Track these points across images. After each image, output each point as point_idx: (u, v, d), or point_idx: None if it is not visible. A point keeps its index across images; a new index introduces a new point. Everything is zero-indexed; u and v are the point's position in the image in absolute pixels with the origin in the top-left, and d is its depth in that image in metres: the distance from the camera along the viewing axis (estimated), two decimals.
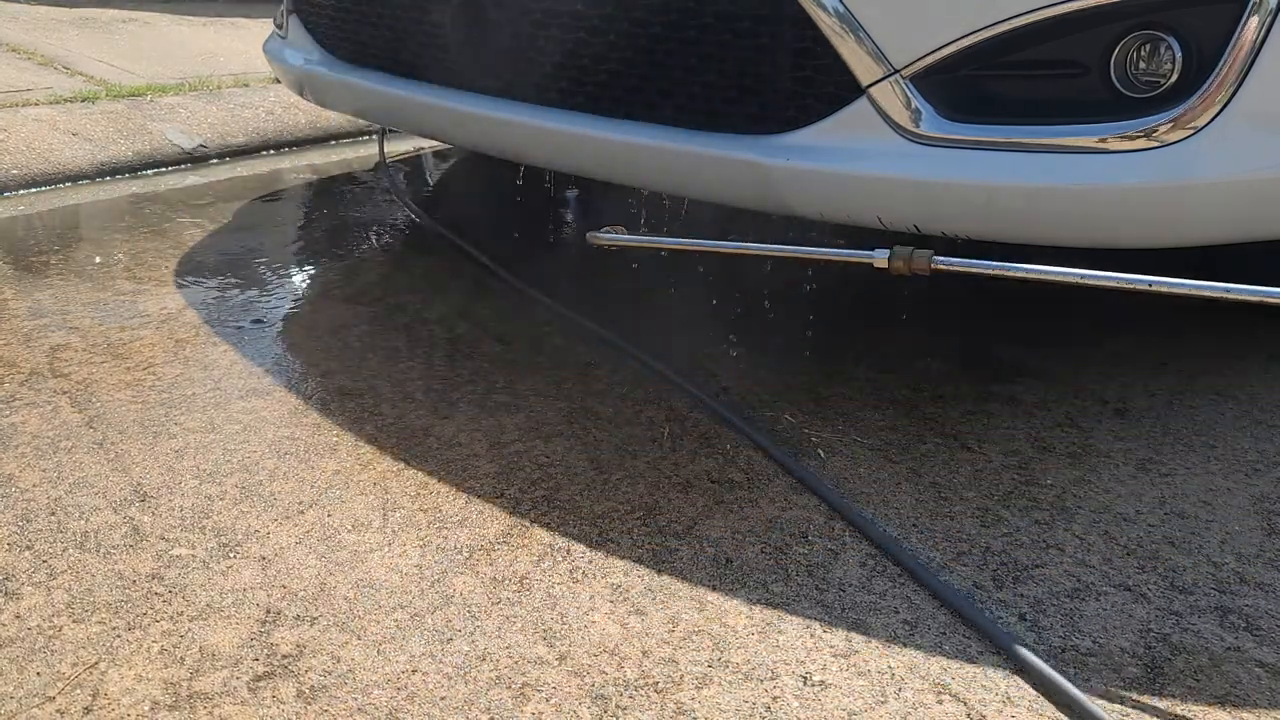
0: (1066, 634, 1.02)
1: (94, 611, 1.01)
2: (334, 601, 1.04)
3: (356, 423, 1.38)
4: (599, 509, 1.21)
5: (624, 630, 1.01)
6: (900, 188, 1.28)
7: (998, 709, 0.93)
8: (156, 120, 2.82)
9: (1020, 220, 1.25)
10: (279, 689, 0.92)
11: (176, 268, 1.92)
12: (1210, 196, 1.22)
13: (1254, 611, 1.07)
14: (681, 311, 1.78)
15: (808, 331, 1.71)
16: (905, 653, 0.99)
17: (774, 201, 1.37)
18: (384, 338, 1.65)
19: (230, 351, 1.58)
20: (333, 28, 1.89)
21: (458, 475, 1.26)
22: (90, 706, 0.89)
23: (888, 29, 1.23)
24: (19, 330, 1.63)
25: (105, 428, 1.34)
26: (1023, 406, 1.48)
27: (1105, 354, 1.67)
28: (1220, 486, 1.30)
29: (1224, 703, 0.94)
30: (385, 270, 1.95)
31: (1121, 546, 1.17)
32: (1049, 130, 1.21)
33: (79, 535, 1.13)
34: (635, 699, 0.92)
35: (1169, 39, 1.17)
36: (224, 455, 1.29)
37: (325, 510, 1.19)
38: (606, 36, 1.43)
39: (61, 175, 2.47)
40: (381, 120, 1.96)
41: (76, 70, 3.25)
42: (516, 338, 1.66)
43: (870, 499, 1.24)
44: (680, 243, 1.37)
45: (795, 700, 0.93)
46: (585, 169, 1.57)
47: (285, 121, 3.04)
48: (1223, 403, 1.52)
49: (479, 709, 0.91)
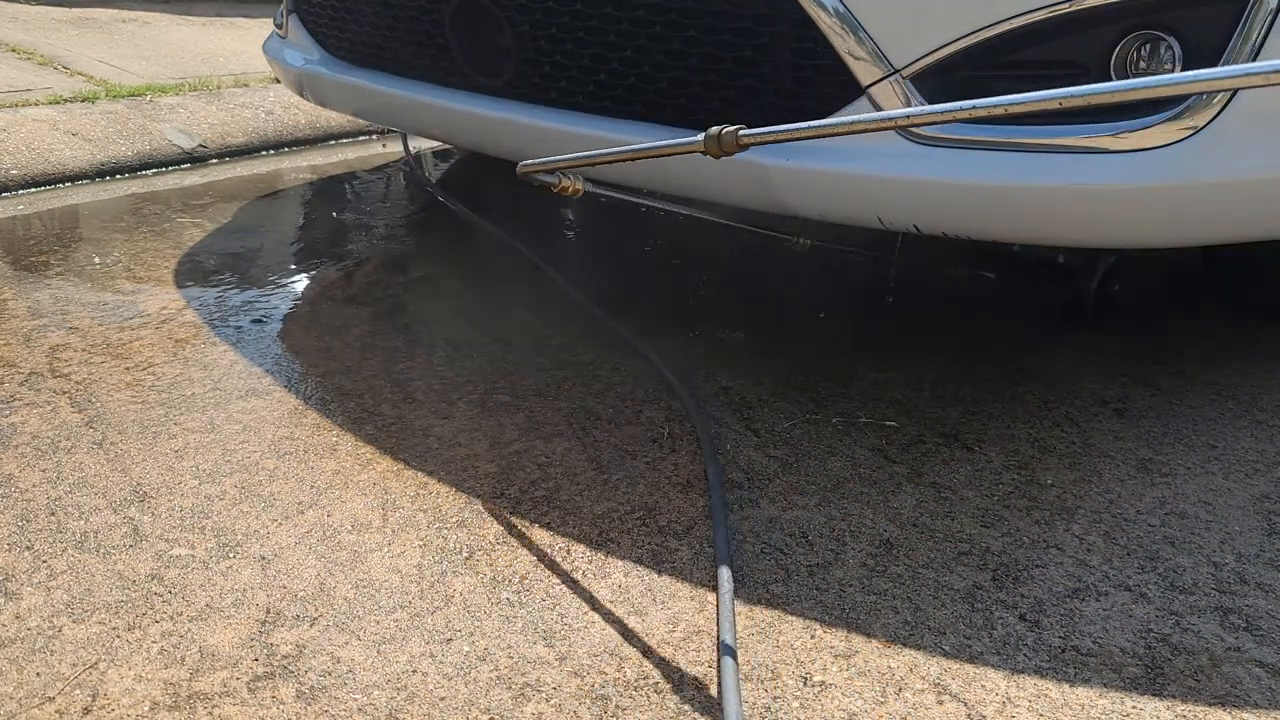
0: (1066, 634, 1.02)
1: (94, 611, 1.01)
2: (334, 601, 1.04)
3: (356, 423, 1.38)
4: (599, 509, 1.21)
5: (624, 630, 1.01)
6: (900, 188, 1.27)
7: (998, 709, 0.93)
8: (156, 120, 2.82)
9: (1020, 220, 1.25)
10: (279, 689, 0.92)
11: (176, 268, 1.92)
12: (1210, 196, 1.22)
13: (1254, 611, 1.07)
14: (682, 312, 1.78)
15: (807, 332, 1.71)
16: (905, 653, 0.99)
17: (774, 201, 1.37)
18: (384, 338, 1.65)
19: (230, 351, 1.58)
20: (333, 28, 1.89)
21: (458, 475, 1.26)
22: (90, 707, 0.89)
23: (888, 29, 1.23)
24: (19, 330, 1.62)
25: (105, 428, 1.34)
26: (1023, 406, 1.48)
27: (1105, 354, 1.67)
28: (1220, 486, 1.30)
29: (1224, 703, 0.94)
30: (385, 270, 1.95)
31: (1121, 546, 1.17)
32: (1049, 130, 1.21)
33: (79, 535, 1.13)
34: (635, 699, 0.92)
35: (1169, 39, 1.16)
36: (224, 455, 1.29)
37: (325, 510, 1.19)
38: (606, 36, 1.43)
39: (61, 175, 2.47)
40: (381, 120, 1.96)
41: (76, 70, 3.25)
42: (516, 338, 1.65)
43: (870, 499, 1.24)
44: (595, 156, 1.32)
45: (795, 700, 0.93)
46: (584, 168, 1.56)
47: (285, 121, 3.04)
48: (1223, 403, 1.52)
49: (479, 709, 0.91)
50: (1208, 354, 1.68)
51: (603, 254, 2.12)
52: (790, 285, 1.94)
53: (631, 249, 2.15)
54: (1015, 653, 1.00)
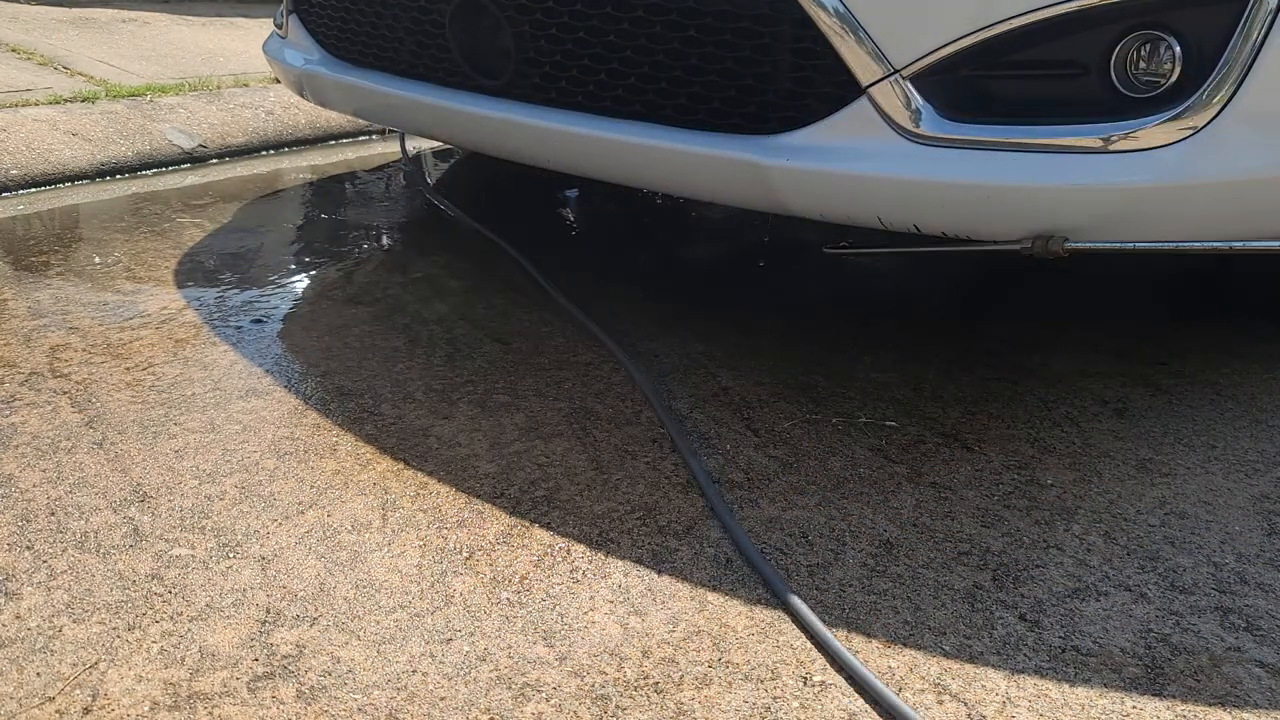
0: (1066, 634, 1.02)
1: (94, 611, 1.01)
2: (334, 601, 1.04)
3: (356, 423, 1.38)
4: (599, 509, 1.21)
5: (624, 630, 1.01)
6: (900, 188, 1.27)
7: (998, 709, 0.93)
8: (156, 120, 2.82)
9: (1020, 220, 1.25)
10: (279, 689, 0.92)
11: (176, 268, 1.92)
12: (1210, 197, 1.22)
13: (1254, 611, 1.07)
14: (682, 312, 1.78)
15: (807, 332, 1.71)
16: (905, 653, 0.99)
17: (773, 202, 1.37)
18: (384, 338, 1.65)
19: (230, 351, 1.58)
20: (332, 28, 1.89)
21: (458, 475, 1.26)
22: (90, 707, 0.89)
23: (887, 29, 1.23)
24: (19, 330, 1.63)
25: (105, 428, 1.34)
26: (1023, 406, 1.49)
27: (1105, 354, 1.67)
28: (1220, 486, 1.30)
29: (1224, 703, 0.94)
30: (385, 270, 1.95)
31: (1121, 546, 1.17)
32: (1049, 130, 1.21)
33: (79, 535, 1.13)
34: (635, 699, 0.92)
35: (1169, 39, 1.17)
36: (224, 455, 1.29)
37: (325, 510, 1.19)
38: (606, 36, 1.43)
39: (61, 175, 2.47)
40: (381, 120, 1.96)
41: (76, 70, 3.25)
42: (516, 338, 1.66)
43: (870, 499, 1.24)
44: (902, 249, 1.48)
45: (795, 700, 0.93)
46: (584, 169, 1.57)
47: (285, 121, 3.04)
48: (1223, 403, 1.52)
49: (479, 709, 0.91)
50: (1208, 354, 1.68)
51: (603, 254, 2.12)
52: (790, 286, 1.94)
53: (632, 249, 2.15)
54: (1015, 653, 1.00)
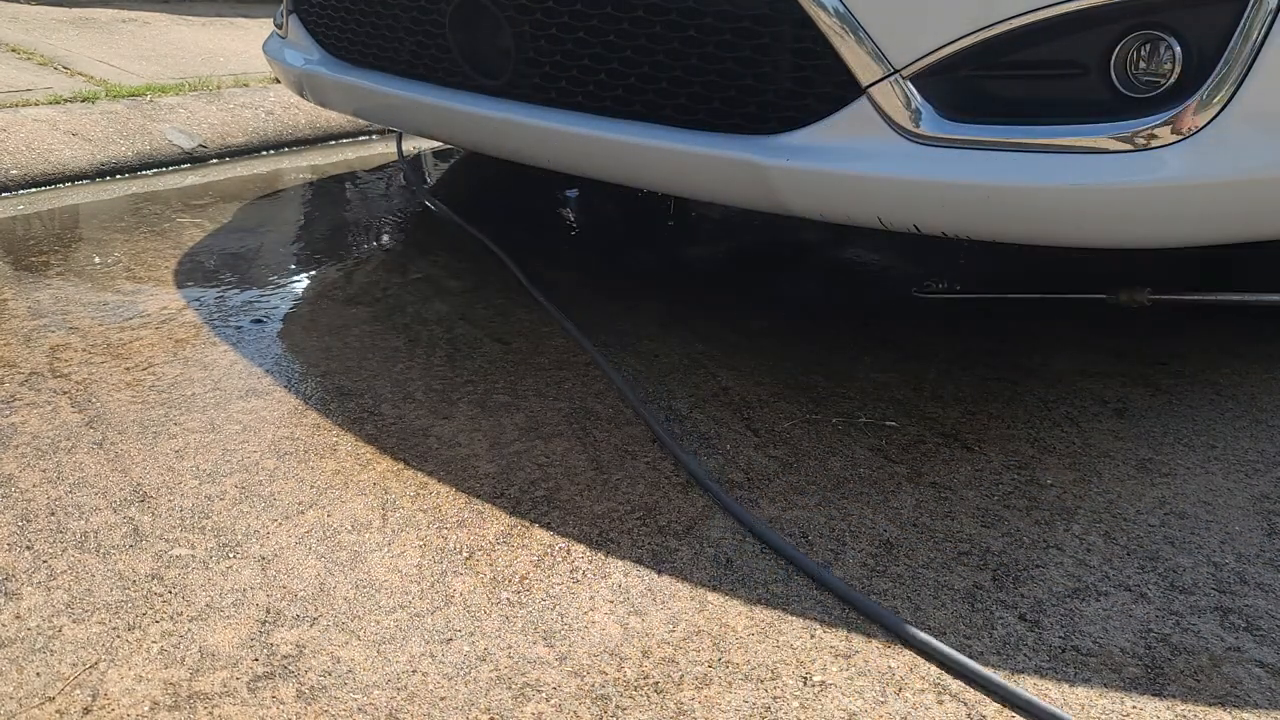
0: (1066, 634, 1.02)
1: (94, 611, 1.01)
2: (334, 601, 1.04)
3: (356, 423, 1.38)
4: (599, 509, 1.21)
5: (624, 630, 1.01)
6: (900, 188, 1.27)
7: (998, 709, 0.93)
8: (156, 120, 2.82)
9: (1020, 220, 1.25)
10: (279, 689, 0.92)
11: (176, 268, 1.92)
12: (1210, 196, 1.22)
13: (1254, 611, 1.07)
14: (682, 313, 1.78)
15: (807, 332, 1.71)
16: (905, 653, 0.99)
17: (773, 202, 1.37)
18: (384, 338, 1.65)
19: (230, 351, 1.58)
20: (332, 28, 1.89)
21: (458, 475, 1.26)
22: (90, 707, 0.89)
23: (887, 29, 1.23)
24: (19, 330, 1.63)
25: (105, 428, 1.34)
26: (1023, 406, 1.48)
27: (1105, 354, 1.67)
28: (1220, 486, 1.30)
29: (1224, 703, 0.94)
30: (385, 270, 1.95)
31: (1121, 546, 1.17)
32: (1049, 130, 1.21)
33: (79, 535, 1.13)
34: (635, 699, 0.92)
35: (1169, 39, 1.17)
36: (224, 455, 1.29)
37: (325, 510, 1.19)
38: (606, 36, 1.43)
39: (61, 175, 2.47)
40: (381, 120, 1.96)
41: (76, 70, 3.25)
42: (516, 338, 1.66)
43: (870, 499, 1.24)
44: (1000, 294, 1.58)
45: (795, 700, 0.93)
46: (584, 169, 1.57)
47: (285, 121, 3.04)
48: (1223, 403, 1.52)
49: (479, 709, 0.91)
50: (1208, 354, 1.68)
51: (603, 254, 2.12)
52: (790, 286, 1.94)
53: (632, 249, 2.15)
54: (1015, 653, 1.00)
